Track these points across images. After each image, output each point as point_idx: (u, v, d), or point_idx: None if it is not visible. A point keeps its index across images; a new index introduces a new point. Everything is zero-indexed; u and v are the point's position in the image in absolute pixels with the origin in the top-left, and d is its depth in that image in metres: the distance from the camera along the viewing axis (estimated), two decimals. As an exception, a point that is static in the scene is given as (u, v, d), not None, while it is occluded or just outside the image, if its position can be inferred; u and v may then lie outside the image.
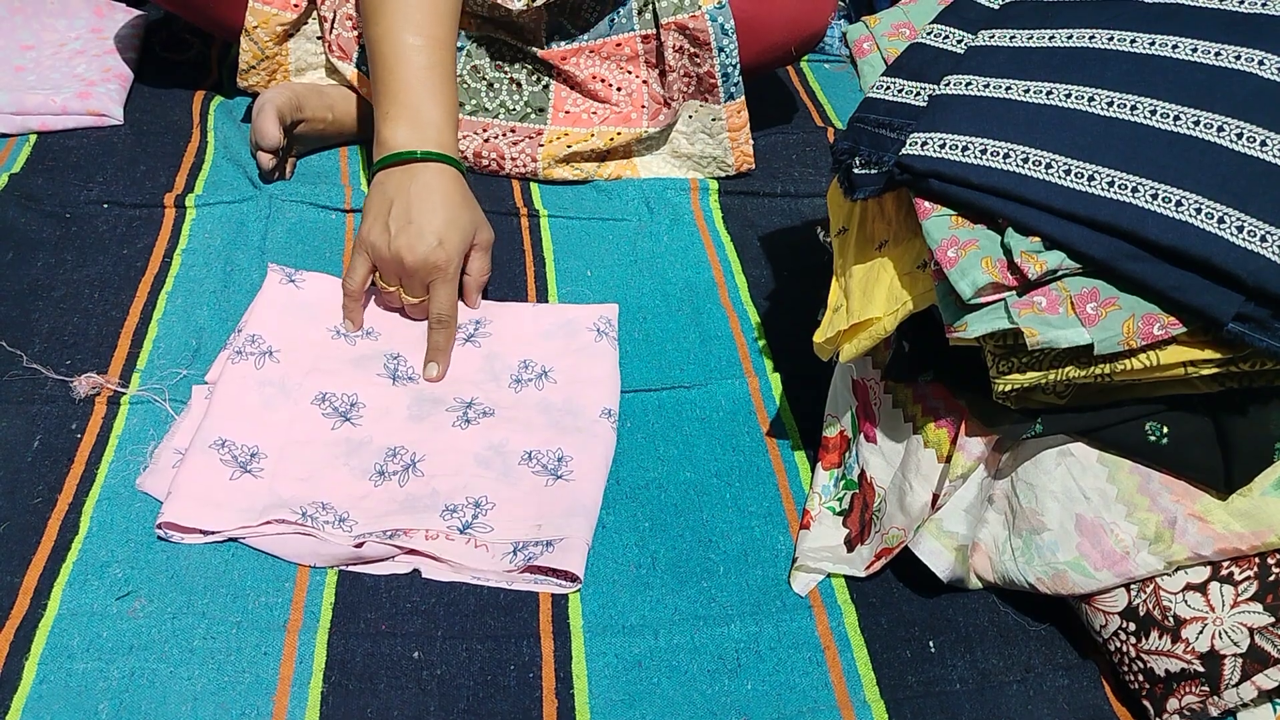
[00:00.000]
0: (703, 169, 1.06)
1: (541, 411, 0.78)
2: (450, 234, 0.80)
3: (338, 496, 0.70)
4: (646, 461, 0.76)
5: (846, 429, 0.74)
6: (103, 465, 0.72)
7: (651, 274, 0.94)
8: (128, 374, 0.78)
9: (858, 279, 0.66)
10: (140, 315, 0.83)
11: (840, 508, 0.72)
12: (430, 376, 0.80)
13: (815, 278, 0.86)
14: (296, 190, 0.98)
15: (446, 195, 0.81)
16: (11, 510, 0.68)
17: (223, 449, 0.71)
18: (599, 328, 0.85)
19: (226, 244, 0.91)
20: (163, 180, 0.98)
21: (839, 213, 0.73)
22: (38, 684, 0.59)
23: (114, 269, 0.88)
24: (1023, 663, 0.65)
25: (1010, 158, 0.58)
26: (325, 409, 0.76)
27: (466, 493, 0.72)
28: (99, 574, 0.65)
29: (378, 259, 0.81)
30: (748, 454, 0.77)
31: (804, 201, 1.05)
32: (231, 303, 0.85)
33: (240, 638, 0.63)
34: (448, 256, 0.80)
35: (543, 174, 1.03)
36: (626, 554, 0.70)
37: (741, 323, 0.89)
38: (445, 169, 0.82)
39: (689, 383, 0.83)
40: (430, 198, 0.80)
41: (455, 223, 0.80)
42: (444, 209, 0.80)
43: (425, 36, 0.84)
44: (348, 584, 0.66)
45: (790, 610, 0.67)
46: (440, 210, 0.80)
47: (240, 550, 0.67)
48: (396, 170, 0.82)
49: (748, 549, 0.71)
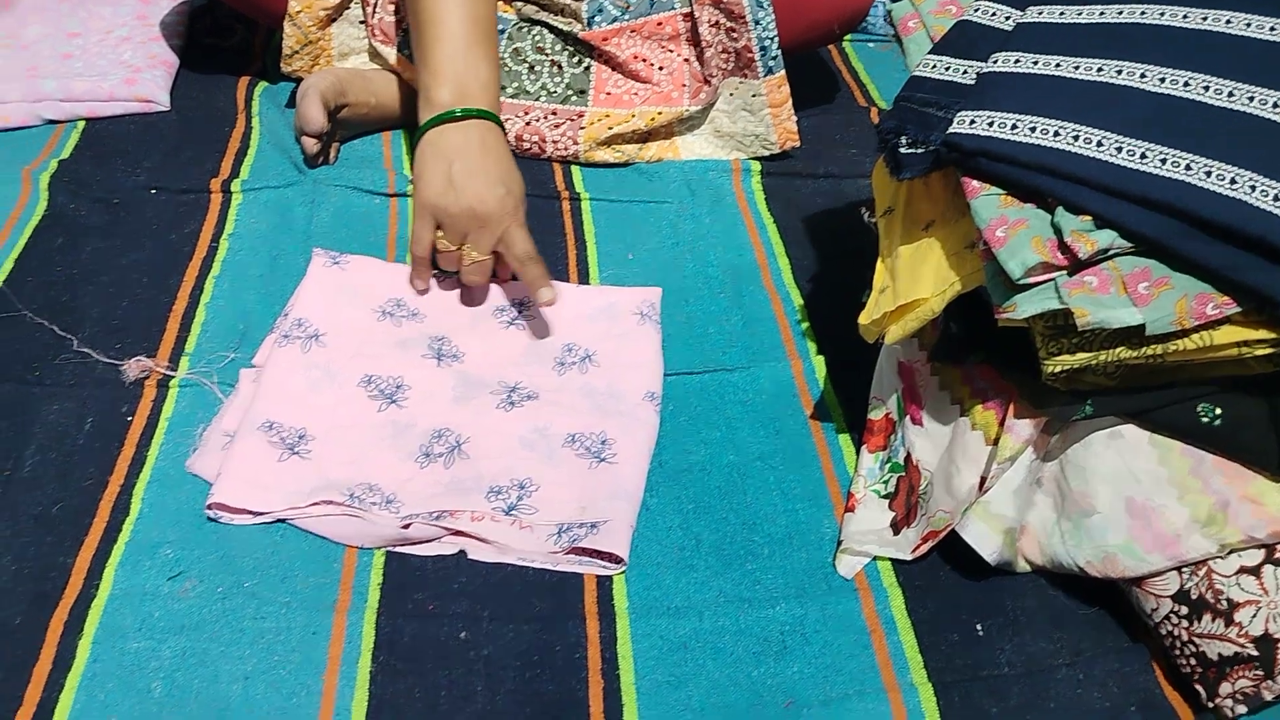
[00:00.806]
0: (746, 147, 1.05)
1: (585, 395, 0.79)
2: (514, 183, 0.83)
3: (384, 478, 0.71)
4: (689, 444, 0.77)
5: (892, 412, 0.74)
6: (153, 447, 0.73)
7: (693, 256, 0.94)
8: (176, 357, 0.80)
9: (904, 260, 0.66)
10: (188, 299, 0.85)
11: (885, 491, 0.71)
12: (546, 300, 0.81)
13: (859, 260, 0.86)
14: (340, 175, 0.99)
15: (501, 150, 0.84)
16: (64, 491, 0.70)
17: (271, 431, 0.72)
18: (642, 311, 0.85)
19: (272, 228, 0.92)
20: (208, 166, 0.99)
21: (884, 193, 0.73)
22: (91, 663, 0.61)
23: (161, 254, 0.89)
24: (1072, 646, 0.65)
25: (1060, 135, 0.57)
26: (371, 391, 0.77)
27: (511, 475, 0.72)
28: (150, 555, 0.67)
29: (445, 216, 0.81)
30: (791, 437, 0.77)
31: (847, 183, 1.04)
32: (277, 286, 0.86)
33: (289, 618, 0.64)
34: (516, 203, 0.82)
35: (584, 157, 1.03)
36: (670, 536, 0.70)
37: (784, 305, 0.89)
38: (494, 127, 0.85)
39: (732, 365, 0.83)
40: (490, 151, 0.82)
41: (513, 175, 0.83)
42: (503, 161, 0.83)
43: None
44: (395, 565, 0.67)
45: (836, 593, 0.67)
46: (501, 162, 0.83)
47: (289, 531, 0.68)
48: (450, 128, 0.83)
49: (792, 532, 0.71)
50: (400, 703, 0.60)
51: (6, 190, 0.94)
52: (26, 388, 0.76)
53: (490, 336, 0.84)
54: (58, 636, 0.62)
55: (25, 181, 0.95)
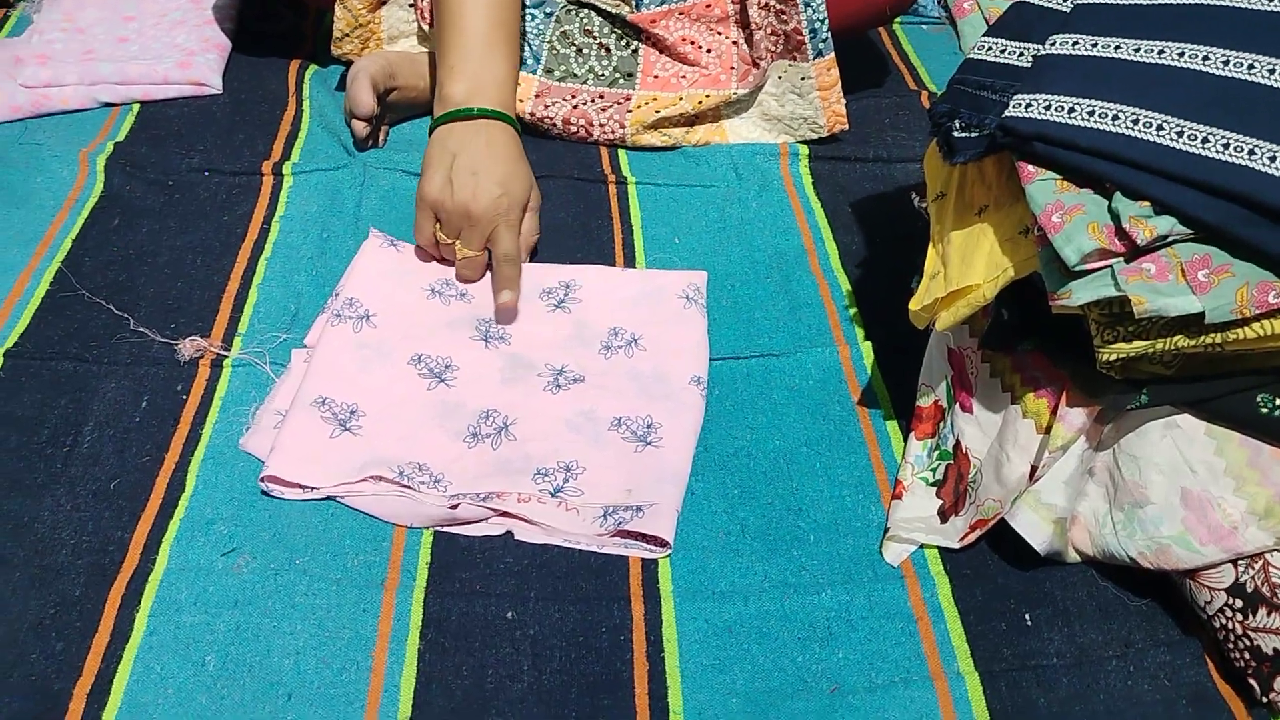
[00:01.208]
0: (794, 131, 1.05)
1: (631, 378, 0.79)
2: (512, 185, 0.84)
3: (433, 457, 0.72)
4: (735, 429, 0.77)
5: (941, 399, 0.73)
6: (207, 425, 0.74)
7: (740, 241, 0.94)
8: (229, 337, 0.81)
9: (956, 245, 0.65)
10: (241, 280, 0.86)
11: (934, 478, 0.71)
12: (504, 303, 0.82)
13: (908, 245, 0.85)
14: (390, 158, 0.99)
15: (508, 151, 0.85)
16: (121, 468, 0.71)
17: (323, 407, 0.73)
18: (687, 294, 0.85)
19: (322, 210, 0.93)
20: (260, 148, 1.01)
21: (936, 177, 0.72)
22: (148, 635, 0.62)
23: (215, 235, 0.91)
24: (1122, 638, 0.64)
25: (1119, 119, 0.56)
26: (421, 370, 0.78)
27: (557, 457, 0.73)
28: (205, 531, 0.68)
29: (441, 211, 0.83)
30: (838, 423, 0.77)
31: (896, 167, 1.03)
32: (328, 268, 0.87)
33: (340, 595, 0.65)
34: (510, 204, 0.83)
35: (631, 140, 1.03)
36: (716, 521, 0.70)
37: (832, 290, 0.89)
38: (505, 126, 0.86)
39: (778, 350, 0.83)
40: (493, 152, 0.84)
41: (516, 176, 0.84)
42: (506, 163, 0.84)
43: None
44: (443, 544, 0.68)
45: (882, 580, 0.67)
46: (503, 163, 0.84)
47: (339, 510, 0.69)
48: (458, 125, 0.85)
49: (838, 518, 0.71)
50: (448, 680, 0.61)
51: (65, 172, 0.96)
52: (85, 366, 0.78)
53: (537, 319, 0.84)
54: (116, 609, 0.63)
55: (83, 163, 0.97)
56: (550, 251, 0.91)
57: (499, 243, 0.83)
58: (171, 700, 0.59)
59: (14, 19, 1.22)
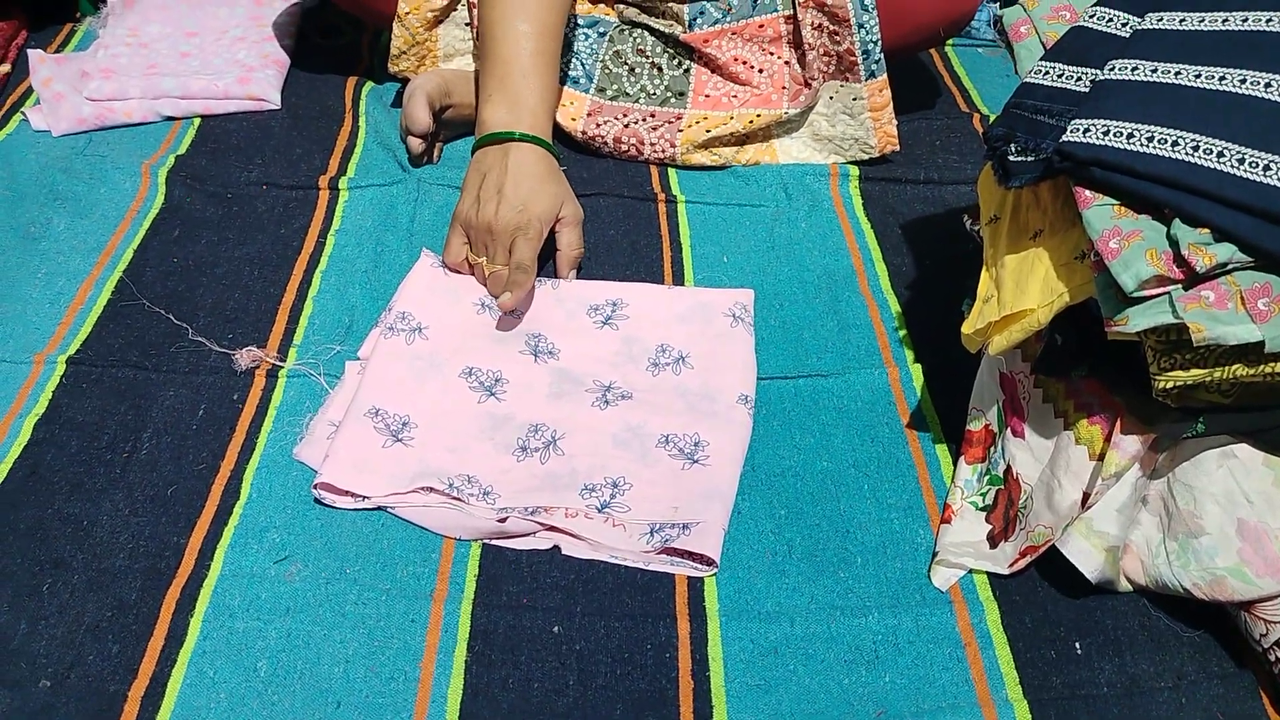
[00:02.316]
0: (844, 151, 1.05)
1: (678, 395, 0.79)
2: (533, 203, 0.86)
3: (483, 470, 0.73)
4: (783, 449, 0.77)
5: (992, 423, 0.73)
6: (262, 434, 0.76)
7: (789, 261, 0.94)
8: (285, 348, 0.82)
9: (1010, 269, 0.65)
10: (296, 293, 0.88)
11: (983, 503, 0.71)
12: (503, 303, 0.83)
13: (958, 267, 0.85)
14: (443, 174, 1.01)
15: (534, 172, 0.87)
16: (179, 474, 0.73)
17: (376, 418, 0.74)
18: (734, 313, 0.85)
19: (377, 225, 0.95)
20: (317, 163, 1.03)
21: (990, 200, 0.72)
22: (201, 640, 0.63)
23: (272, 248, 0.92)
24: (1174, 669, 0.63)
25: (1179, 145, 0.56)
26: (472, 383, 0.79)
27: (605, 473, 0.73)
28: (258, 538, 0.69)
29: (468, 228, 0.87)
30: (887, 445, 0.77)
31: (948, 189, 1.03)
32: (382, 282, 0.89)
33: (389, 605, 0.66)
34: (529, 220, 0.85)
35: (681, 159, 1.04)
36: (762, 540, 0.70)
37: (881, 311, 0.89)
38: (536, 149, 0.88)
39: (826, 371, 0.83)
40: (518, 173, 0.86)
41: (539, 194, 0.86)
42: (530, 182, 0.86)
43: (535, 23, 0.89)
44: (491, 557, 0.69)
45: (930, 604, 0.67)
46: (526, 183, 0.86)
47: (389, 521, 0.70)
48: (492, 149, 0.88)
49: (886, 541, 0.70)
50: (494, 692, 0.62)
51: (128, 184, 0.99)
52: (145, 373, 0.79)
53: (584, 335, 0.85)
54: (170, 613, 0.65)
55: (145, 175, 0.99)
56: (599, 268, 0.92)
57: (514, 252, 0.85)
58: (224, 705, 0.60)
59: (80, 34, 1.26)
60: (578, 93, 1.05)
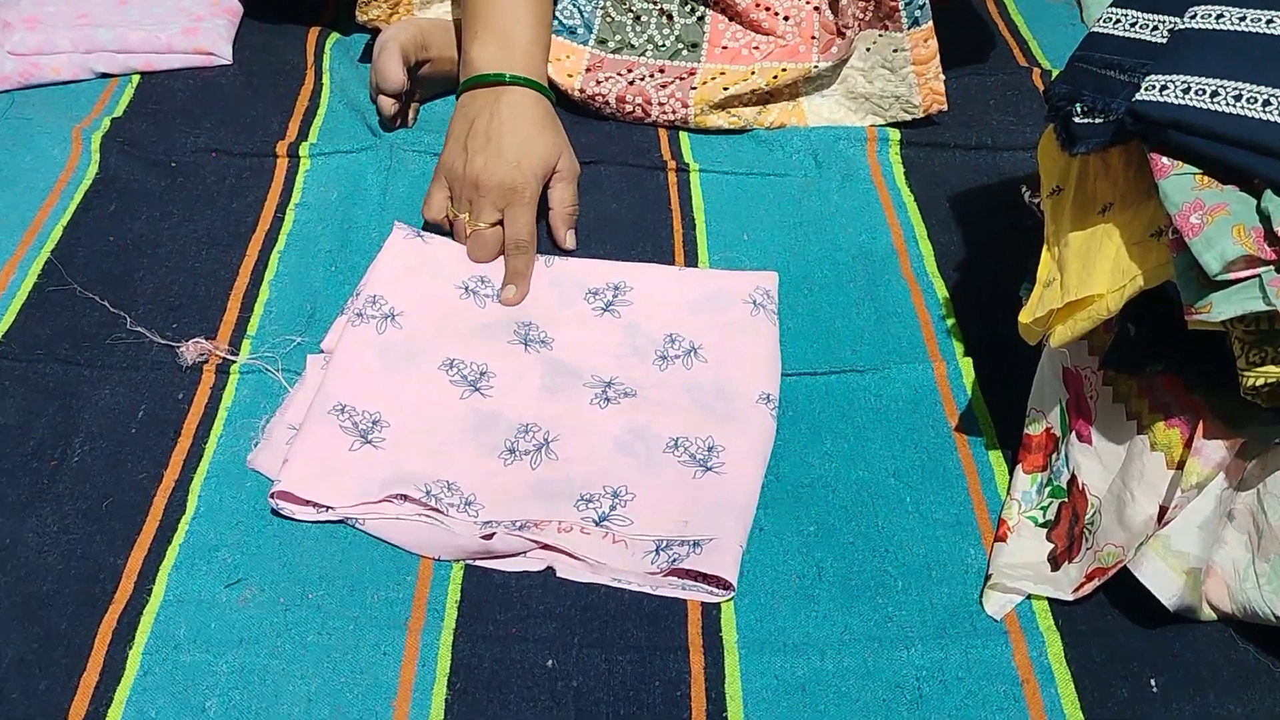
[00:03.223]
0: (884, 112, 1.05)
1: (689, 393, 0.79)
2: (528, 156, 0.86)
3: (464, 475, 0.73)
4: (811, 456, 0.77)
5: (1054, 426, 0.73)
6: (211, 439, 0.76)
7: (819, 238, 0.94)
8: (237, 340, 0.83)
9: (1075, 249, 0.65)
10: (250, 276, 0.88)
11: (1044, 518, 0.71)
12: (507, 299, 0.85)
13: (1016, 246, 0.85)
14: (420, 139, 1.01)
15: (530, 118, 0.88)
16: (115, 485, 0.73)
17: (342, 416, 0.75)
18: (755, 299, 0.85)
19: (343, 198, 0.95)
20: (274, 127, 1.03)
21: (1052, 169, 0.72)
22: (141, 675, 0.63)
23: (222, 224, 0.93)
24: (1267, 710, 0.63)
25: (1271, 105, 0.56)
26: (453, 376, 0.79)
27: (604, 480, 0.73)
28: (207, 558, 0.69)
29: (453, 181, 0.88)
30: (932, 451, 0.77)
31: (1003, 155, 1.03)
32: (349, 263, 0.89)
33: (358, 635, 0.66)
34: (524, 179, 0.86)
35: (694, 121, 1.04)
36: (788, 562, 0.70)
37: (926, 297, 0.88)
38: (530, 93, 0.89)
39: (862, 366, 0.83)
40: (511, 120, 0.87)
41: (534, 145, 0.87)
42: (525, 130, 0.87)
43: None
44: (475, 580, 0.69)
45: (982, 635, 0.67)
46: (520, 131, 0.87)
47: (358, 538, 0.70)
48: (481, 92, 0.89)
49: (931, 562, 0.70)
50: (479, 737, 0.62)
51: (56, 151, 0.99)
52: (76, 369, 0.80)
53: (582, 323, 0.85)
54: (106, 644, 0.65)
55: (76, 141, 1.00)
56: (599, 247, 0.92)
57: (509, 225, 0.86)
58: (167, 750, 0.61)
59: (2, -22, 1.26)
60: (575, 45, 1.05)
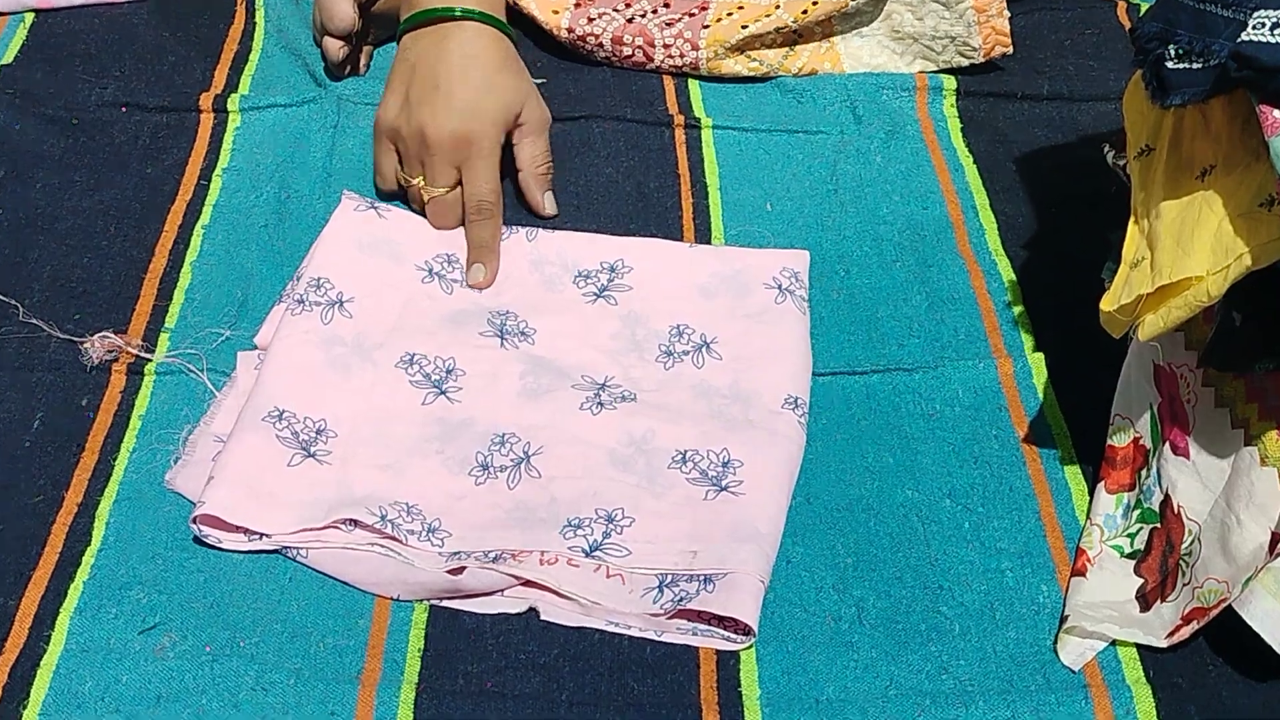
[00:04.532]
0: (935, 55, 1.05)
1: (700, 397, 0.80)
2: (485, 103, 0.86)
3: (427, 496, 0.74)
4: (849, 473, 0.77)
5: (1143, 436, 0.73)
6: (121, 454, 0.76)
7: (858, 209, 0.94)
8: (153, 334, 0.83)
9: (1169, 221, 0.65)
10: (169, 257, 0.88)
11: (1131, 547, 0.71)
12: (475, 281, 0.86)
13: (1096, 218, 0.85)
14: (373, 90, 1.01)
15: (485, 60, 0.88)
16: (5, 511, 0.73)
17: (280, 423, 0.75)
18: (781, 283, 0.86)
19: (282, 161, 0.95)
20: (197, 75, 1.03)
21: (1141, 125, 0.72)
22: (39, 741, 0.64)
23: (135, 194, 0.93)
24: (1401, 783, 0.64)
25: (1406, 45, 0.56)
26: (414, 375, 0.80)
27: (596, 502, 0.74)
28: (116, 599, 0.69)
29: (399, 141, 0.88)
30: (995, 467, 0.77)
31: (1081, 107, 1.03)
32: (288, 241, 0.89)
33: (300, 691, 0.66)
34: (481, 128, 0.86)
35: (706, 67, 1.04)
36: (821, 601, 0.71)
37: (989, 280, 0.89)
38: (485, 29, 0.89)
39: (911, 364, 0.83)
40: (462, 62, 0.87)
41: (492, 90, 0.87)
42: (478, 73, 0.87)
43: None
44: (441, 625, 0.69)
45: (1057, 690, 0.67)
46: (473, 75, 0.86)
47: (300, 573, 0.71)
48: (425, 32, 0.89)
49: (995, 601, 0.71)
50: (447, 814, 0.62)
51: (-69, 105, 0.99)
52: (-43, 370, 0.80)
53: (571, 311, 0.85)
54: (-5, 704, 0.65)
55: (-45, 93, 1.00)
56: (591, 221, 0.92)
57: (468, 183, 0.86)
58: (70, 830, 0.61)
59: None
60: (561, -26, 1.05)
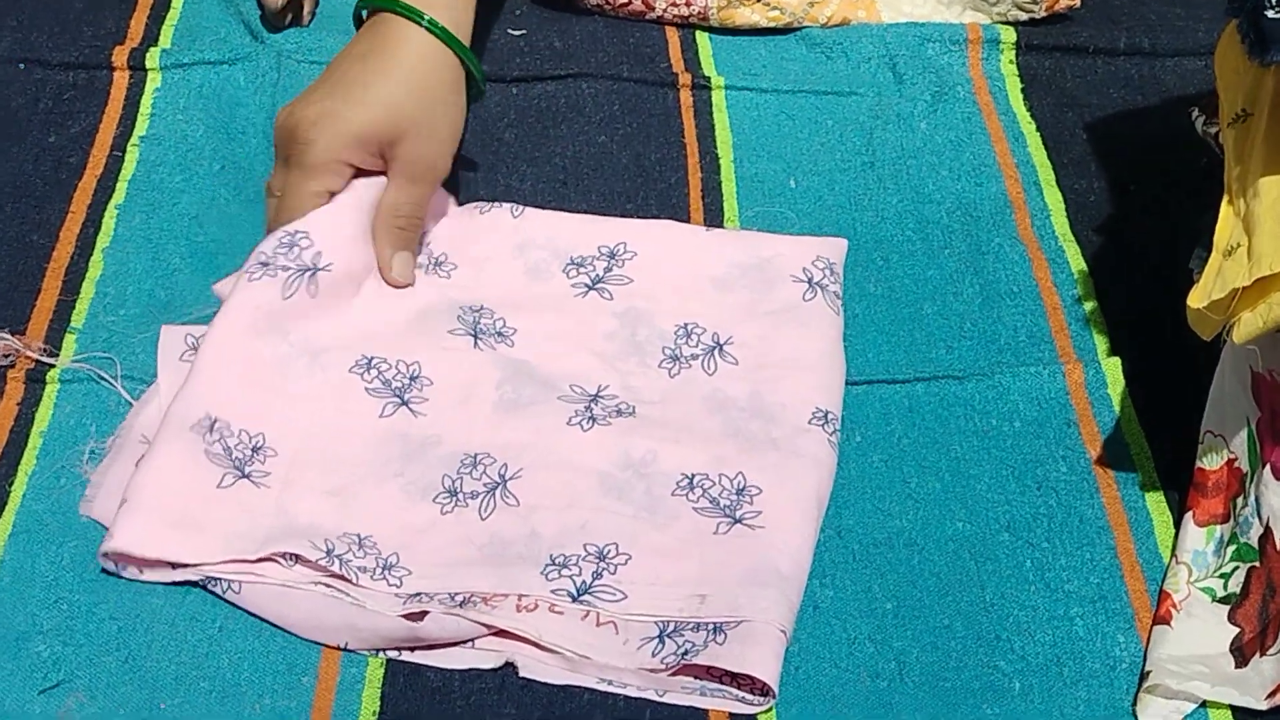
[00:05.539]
0: (989, 4, 1.05)
1: (712, 410, 0.80)
2: (348, 111, 0.81)
3: (383, 526, 0.73)
4: (888, 501, 0.77)
5: (1239, 458, 0.73)
6: (19, 478, 0.76)
7: (899, 186, 0.94)
8: (56, 335, 0.83)
9: (1269, 202, 0.65)
10: (76, 243, 0.88)
11: (1225, 591, 0.71)
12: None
13: (1183, 197, 0.85)
14: (318, 43, 1.01)
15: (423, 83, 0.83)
16: (-120, 546, 0.73)
17: (210, 434, 0.74)
18: (811, 276, 0.86)
19: (210, 129, 0.95)
20: (109, 26, 1.03)
21: (1236, 86, 0.72)
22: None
23: (35, 168, 0.93)
24: None
25: None
26: (371, 382, 0.80)
27: (586, 536, 0.73)
28: (13, 652, 0.69)
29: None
30: (1063, 493, 0.77)
31: (1164, 65, 1.03)
32: (220, 224, 0.89)
33: (232, 762, 0.66)
34: (320, 136, 0.80)
35: (717, 16, 1.04)
36: (855, 654, 0.71)
37: (1054, 270, 0.89)
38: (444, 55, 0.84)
39: (962, 371, 0.83)
40: (380, 64, 0.83)
41: (371, 103, 0.82)
42: (381, 80, 0.82)
43: None
44: (401, 682, 0.69)
45: (1137, 759, 0.67)
46: (374, 80, 0.82)
47: (233, 620, 0.70)
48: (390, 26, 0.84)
49: (1061, 654, 0.71)
50: None
51: None
52: None
53: (559, 306, 0.85)
54: None
55: None
56: (581, 200, 0.93)
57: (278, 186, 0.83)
58: None
59: None
60: (546, -93, 1.05)
